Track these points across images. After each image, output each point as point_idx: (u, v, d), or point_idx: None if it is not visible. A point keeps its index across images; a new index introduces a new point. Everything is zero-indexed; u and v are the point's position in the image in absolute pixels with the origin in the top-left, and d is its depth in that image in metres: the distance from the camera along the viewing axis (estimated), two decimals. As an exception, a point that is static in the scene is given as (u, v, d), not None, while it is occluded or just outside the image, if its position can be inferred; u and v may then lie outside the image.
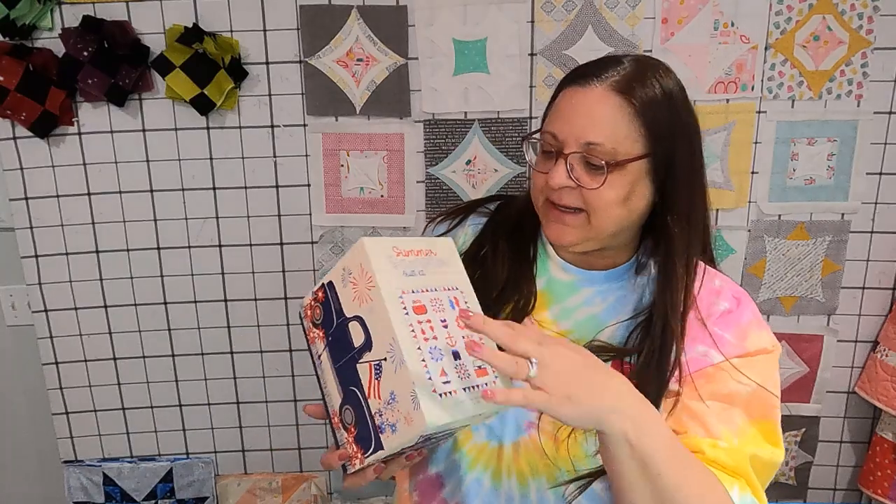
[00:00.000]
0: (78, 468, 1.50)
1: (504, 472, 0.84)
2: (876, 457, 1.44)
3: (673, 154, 0.79)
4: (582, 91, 0.78)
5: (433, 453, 0.89)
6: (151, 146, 1.35)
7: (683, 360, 0.81)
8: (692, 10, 1.28)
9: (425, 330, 0.70)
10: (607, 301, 0.87)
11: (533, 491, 0.83)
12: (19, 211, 1.37)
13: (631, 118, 0.77)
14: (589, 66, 0.81)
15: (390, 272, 0.72)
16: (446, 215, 0.99)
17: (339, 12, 1.29)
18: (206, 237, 1.40)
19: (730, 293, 0.86)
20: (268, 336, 1.45)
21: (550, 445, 0.82)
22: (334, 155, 1.36)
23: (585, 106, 0.78)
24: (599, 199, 0.78)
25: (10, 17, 1.24)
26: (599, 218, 0.79)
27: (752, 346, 0.82)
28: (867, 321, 1.43)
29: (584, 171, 0.78)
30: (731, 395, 0.79)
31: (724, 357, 0.80)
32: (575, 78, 0.81)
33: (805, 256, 1.39)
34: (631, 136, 0.77)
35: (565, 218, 0.81)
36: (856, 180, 1.35)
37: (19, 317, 1.50)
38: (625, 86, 0.77)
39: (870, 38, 1.28)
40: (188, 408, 1.49)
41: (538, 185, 0.83)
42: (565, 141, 0.79)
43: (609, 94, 0.77)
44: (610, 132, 0.76)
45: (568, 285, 0.89)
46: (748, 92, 1.31)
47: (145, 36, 1.29)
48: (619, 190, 0.78)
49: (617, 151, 0.77)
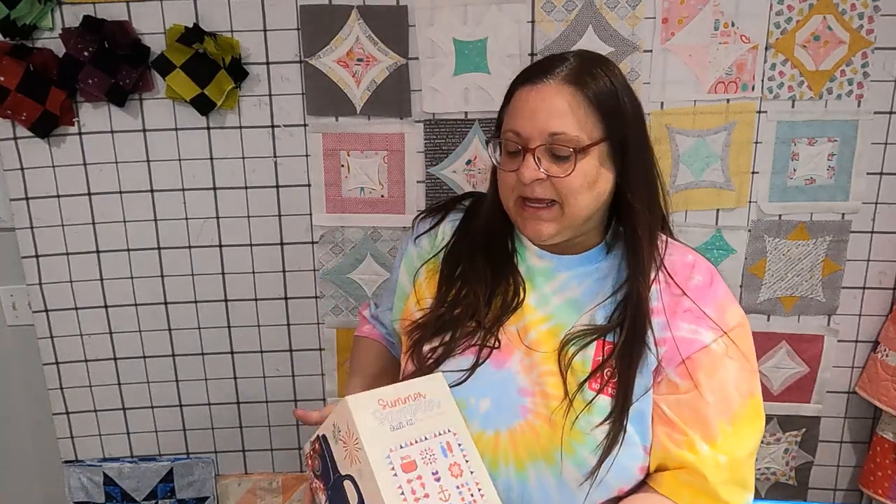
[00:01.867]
0: (78, 468, 1.50)
1: (501, 460, 0.85)
2: (876, 457, 1.44)
3: (626, 137, 0.84)
4: (536, 88, 0.83)
5: None
6: (152, 146, 1.35)
7: (670, 336, 0.84)
8: (692, 10, 1.27)
9: (416, 489, 0.71)
10: (584, 284, 0.90)
11: (532, 476, 0.84)
12: (20, 211, 1.37)
13: (587, 106, 0.82)
14: (537, 66, 0.87)
15: (376, 431, 0.73)
16: (429, 212, 1.04)
17: (339, 12, 1.29)
18: (206, 237, 1.40)
19: (704, 267, 0.90)
20: (268, 336, 1.45)
21: (546, 429, 0.83)
22: (334, 155, 1.36)
23: (543, 100, 0.82)
24: (570, 187, 0.82)
25: (11, 17, 1.24)
26: (572, 206, 0.84)
27: (731, 320, 0.86)
28: (867, 321, 1.43)
29: (551, 161, 0.83)
30: (724, 383, 0.83)
31: (713, 335, 0.84)
32: (526, 78, 0.85)
33: (805, 256, 1.39)
34: (589, 122, 0.82)
35: (540, 213, 0.85)
36: (856, 180, 1.35)
37: (20, 317, 1.50)
38: (576, 78, 0.82)
39: (870, 38, 1.28)
40: (188, 408, 1.49)
41: (508, 184, 0.87)
42: (529, 136, 0.83)
43: (563, 86, 0.82)
44: (570, 121, 0.81)
45: (544, 271, 0.92)
46: (748, 92, 1.31)
47: (146, 36, 1.29)
48: (586, 175, 0.83)
49: (580, 138, 0.82)
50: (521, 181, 0.83)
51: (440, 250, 0.98)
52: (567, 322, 0.88)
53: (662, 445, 0.84)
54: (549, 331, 0.88)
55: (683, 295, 0.86)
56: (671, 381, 0.84)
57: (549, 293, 0.91)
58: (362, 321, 1.18)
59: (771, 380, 1.46)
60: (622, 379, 0.83)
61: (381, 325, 1.13)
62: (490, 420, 0.85)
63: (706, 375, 0.83)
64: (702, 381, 0.83)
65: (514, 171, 0.85)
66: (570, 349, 0.85)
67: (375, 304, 1.16)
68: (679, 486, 0.83)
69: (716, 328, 0.84)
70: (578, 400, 0.83)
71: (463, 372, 0.87)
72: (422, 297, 0.97)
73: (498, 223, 0.94)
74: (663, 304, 0.86)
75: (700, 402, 0.82)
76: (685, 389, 0.83)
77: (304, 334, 1.45)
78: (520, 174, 0.83)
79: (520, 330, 0.89)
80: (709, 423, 0.82)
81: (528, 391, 0.85)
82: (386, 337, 1.13)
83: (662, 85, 1.31)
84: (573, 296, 0.90)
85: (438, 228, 1.00)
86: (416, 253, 1.01)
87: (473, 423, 0.85)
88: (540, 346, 0.87)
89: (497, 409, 0.85)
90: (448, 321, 0.91)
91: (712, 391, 0.83)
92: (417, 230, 1.02)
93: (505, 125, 0.87)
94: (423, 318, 0.94)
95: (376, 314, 1.14)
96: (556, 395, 0.84)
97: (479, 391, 0.86)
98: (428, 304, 0.95)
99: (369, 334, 1.15)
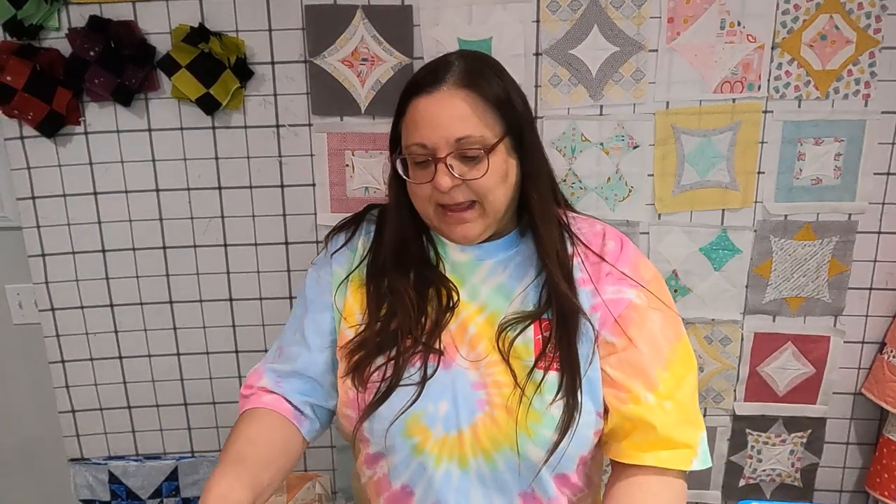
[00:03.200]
0: (84, 466, 1.50)
1: (470, 455, 0.87)
2: (883, 458, 1.43)
3: (521, 129, 0.88)
4: (430, 97, 0.85)
5: (391, 469, 0.90)
6: (157, 146, 1.35)
7: (601, 301, 0.89)
8: (698, 9, 1.27)
9: None
10: (508, 269, 0.93)
11: (501, 463, 0.87)
12: (26, 210, 1.38)
13: (484, 106, 0.85)
14: (424, 75, 0.88)
15: None
16: (339, 228, 1.02)
17: (344, 12, 1.29)
18: (211, 236, 1.40)
19: (613, 233, 0.95)
20: (272, 335, 1.45)
21: (504, 416, 0.86)
22: (339, 154, 1.36)
23: (441, 108, 0.84)
24: (486, 185, 0.85)
25: (18, 17, 1.25)
26: (491, 202, 0.87)
27: (646, 274, 0.92)
28: (874, 322, 1.42)
29: (463, 164, 0.85)
30: (652, 333, 0.88)
31: (635, 291, 0.89)
32: (416, 89, 0.86)
33: (811, 257, 1.39)
34: (489, 121, 0.85)
35: (464, 215, 0.87)
36: (863, 180, 1.34)
37: (26, 315, 1.51)
38: (467, 80, 0.85)
39: (877, 37, 1.28)
40: (193, 406, 1.49)
41: (423, 196, 0.88)
42: (436, 146, 0.84)
43: (457, 91, 0.84)
44: (473, 122, 0.84)
45: (468, 264, 0.94)
46: (754, 92, 1.31)
47: (151, 36, 1.29)
48: (498, 171, 0.86)
49: (485, 138, 0.84)
50: (439, 190, 0.85)
51: (360, 262, 0.97)
52: (500, 308, 0.91)
53: (613, 406, 0.87)
54: (486, 320, 0.91)
55: (602, 261, 0.91)
56: (607, 342, 0.88)
57: (478, 283, 0.93)
58: (252, 396, 0.95)
59: (776, 380, 1.45)
60: (564, 353, 0.86)
61: (296, 389, 0.94)
62: (451, 421, 0.87)
63: (636, 329, 0.88)
64: (634, 335, 0.87)
65: (426, 182, 0.86)
66: (508, 334, 0.88)
67: (276, 372, 0.96)
68: (635, 449, 0.86)
69: (635, 284, 0.90)
70: (528, 382, 0.86)
71: (415, 386, 0.88)
72: (350, 314, 0.94)
73: (409, 232, 0.95)
74: (588, 273, 0.90)
75: (636, 354, 0.87)
76: (621, 347, 0.88)
77: (309, 334, 1.45)
78: (436, 184, 0.85)
79: (458, 327, 0.91)
80: (647, 372, 0.87)
81: (480, 384, 0.88)
82: (296, 408, 0.93)
83: (668, 85, 1.31)
84: (500, 281, 0.92)
85: (354, 242, 0.99)
86: (338, 270, 0.97)
87: (436, 427, 0.87)
88: (481, 338, 0.90)
89: (455, 409, 0.87)
90: (386, 338, 0.90)
91: (644, 342, 0.87)
92: (333, 247, 1.00)
93: (407, 139, 0.88)
94: (359, 337, 0.92)
95: (286, 374, 0.95)
96: (507, 382, 0.87)
97: (435, 396, 0.88)
98: (358, 320, 0.93)
99: (273, 406, 0.92)
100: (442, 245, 0.96)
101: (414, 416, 0.87)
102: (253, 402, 0.93)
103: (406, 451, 0.88)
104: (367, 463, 0.94)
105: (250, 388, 0.96)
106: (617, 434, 0.88)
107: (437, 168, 0.85)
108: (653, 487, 0.85)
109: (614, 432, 0.88)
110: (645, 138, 1.33)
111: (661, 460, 0.85)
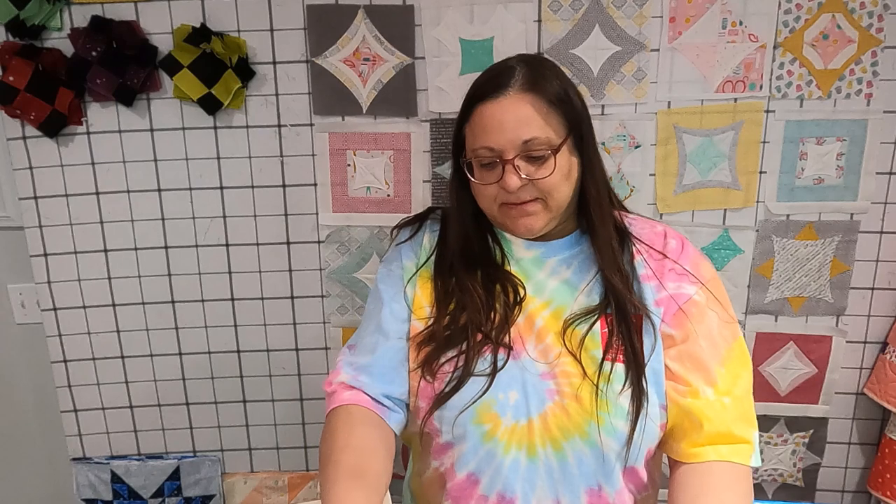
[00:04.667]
0: (86, 465, 1.51)
1: (538, 444, 0.88)
2: (885, 458, 1.43)
3: (581, 128, 0.91)
4: (496, 102, 0.88)
5: (459, 458, 0.91)
6: (159, 146, 1.36)
7: (666, 296, 0.92)
8: (700, 8, 1.27)
9: None
10: (572, 266, 0.96)
11: (570, 453, 0.88)
12: (29, 210, 1.38)
13: (547, 108, 0.88)
14: (487, 82, 0.91)
15: None
16: (403, 225, 1.05)
17: (345, 12, 1.29)
18: (213, 236, 1.40)
19: (673, 233, 0.99)
20: (274, 335, 1.46)
21: (575, 405, 0.88)
22: (341, 154, 1.36)
23: (506, 112, 0.88)
24: (551, 183, 0.89)
25: (20, 17, 1.25)
26: (554, 198, 0.90)
27: (706, 273, 0.96)
28: (876, 322, 1.42)
29: (530, 165, 0.89)
30: (710, 329, 0.92)
31: (695, 288, 0.93)
32: (481, 96, 0.90)
33: (814, 257, 1.39)
34: (553, 122, 0.88)
35: (527, 208, 0.91)
36: (865, 180, 1.34)
37: (28, 315, 1.51)
38: (532, 85, 0.88)
39: (879, 36, 1.27)
40: (195, 406, 1.50)
41: (490, 196, 0.92)
42: (504, 148, 0.88)
43: (522, 96, 0.88)
44: (538, 125, 0.87)
45: (534, 260, 0.97)
46: (756, 91, 1.31)
47: (153, 36, 1.30)
48: (562, 170, 0.89)
49: (550, 139, 0.88)
50: (507, 190, 0.88)
51: (428, 259, 0.99)
52: (566, 303, 0.94)
53: (672, 400, 0.90)
54: (552, 315, 0.93)
55: (665, 258, 0.95)
56: (668, 335, 0.91)
57: (544, 279, 0.96)
58: (335, 394, 0.93)
59: (779, 380, 1.45)
60: (627, 345, 0.89)
61: (374, 381, 0.92)
62: (521, 409, 0.89)
63: (696, 323, 0.91)
64: (693, 329, 0.91)
65: (493, 183, 0.90)
66: (576, 329, 0.91)
67: (353, 365, 0.94)
68: (694, 446, 0.88)
69: (695, 281, 0.93)
70: (596, 373, 0.88)
71: (486, 376, 0.89)
72: (419, 307, 0.96)
73: (473, 232, 0.98)
74: (651, 269, 0.94)
75: (696, 347, 0.90)
76: (681, 339, 0.91)
77: (310, 333, 1.46)
78: (504, 185, 0.88)
79: (526, 321, 0.93)
80: (706, 367, 0.90)
81: (549, 374, 0.90)
82: (377, 402, 0.92)
83: (670, 84, 1.30)
84: (565, 277, 0.95)
85: (420, 237, 1.02)
86: (408, 263, 1.00)
87: (506, 415, 0.89)
88: (548, 331, 0.92)
89: (525, 398, 0.89)
90: (456, 331, 0.92)
91: (703, 337, 0.91)
92: (400, 238, 1.03)
93: (473, 143, 0.91)
94: (428, 330, 0.94)
95: (363, 366, 0.93)
96: (576, 373, 0.89)
97: (505, 385, 0.90)
98: (427, 314, 0.96)
99: (356, 401, 0.91)
100: (507, 243, 0.98)
101: (485, 404, 0.88)
102: (337, 400, 0.91)
103: (476, 439, 0.89)
104: (435, 454, 0.94)
105: (331, 385, 0.94)
106: (676, 433, 0.91)
107: (504, 169, 0.88)
108: (725, 477, 0.86)
109: (674, 430, 0.91)
110: (646, 138, 1.33)
111: (722, 455, 0.86)
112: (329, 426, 0.90)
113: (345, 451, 0.85)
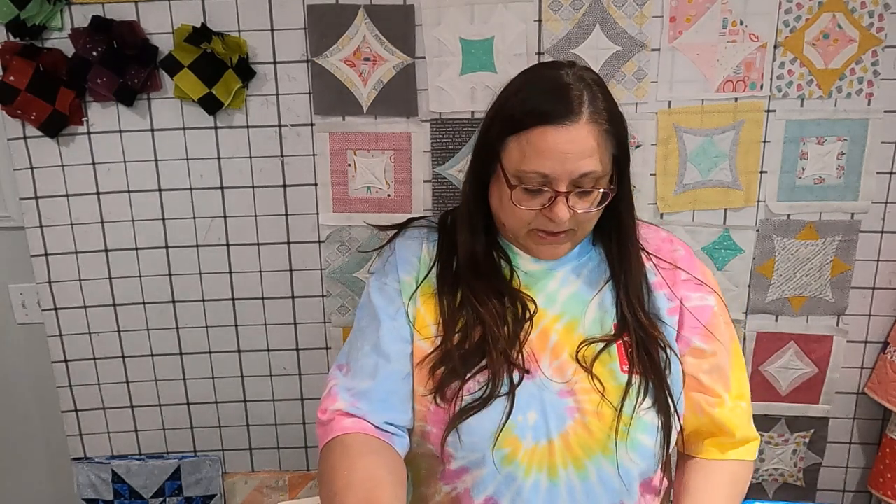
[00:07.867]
0: (87, 465, 1.51)
1: (560, 465, 0.86)
2: (886, 458, 1.43)
3: (622, 149, 0.88)
4: (564, 130, 0.81)
5: (476, 483, 0.86)
6: (160, 145, 1.36)
7: (678, 306, 0.93)
8: (700, 8, 1.27)
9: None
10: (581, 276, 0.94)
11: (592, 472, 0.86)
12: (29, 210, 1.38)
13: (607, 139, 0.85)
14: (556, 102, 0.83)
15: None
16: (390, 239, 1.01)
17: (346, 12, 1.29)
18: (213, 236, 1.40)
19: (678, 241, 1.00)
20: (275, 335, 1.46)
21: (596, 422, 0.86)
22: (341, 154, 1.36)
23: (573, 144, 0.82)
24: (589, 217, 0.87)
25: (21, 17, 1.25)
26: (585, 230, 0.90)
27: (711, 280, 0.99)
28: (877, 322, 1.42)
29: (576, 198, 0.85)
30: (725, 337, 0.95)
31: (713, 298, 0.95)
32: (546, 117, 0.82)
33: (814, 256, 1.39)
34: (608, 154, 0.86)
35: (559, 238, 0.89)
36: (866, 179, 1.34)
37: (29, 315, 1.51)
38: (597, 115, 0.83)
39: (880, 35, 1.27)
40: (196, 406, 1.50)
41: (523, 220, 0.88)
42: (559, 178, 0.83)
43: (588, 126, 0.82)
44: (597, 159, 0.84)
45: (542, 273, 0.94)
46: (757, 91, 1.31)
47: (154, 36, 1.30)
48: (601, 203, 0.87)
49: (603, 173, 0.85)
50: (555, 221, 0.84)
51: (429, 272, 0.94)
52: (578, 315, 0.91)
53: (703, 411, 0.93)
54: (566, 328, 0.90)
55: (675, 268, 0.95)
56: (697, 348, 0.93)
57: (554, 290, 0.93)
58: (332, 422, 0.85)
59: (779, 380, 1.45)
60: (644, 358, 0.88)
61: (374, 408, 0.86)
62: (541, 430, 0.86)
63: (720, 334, 0.94)
64: (719, 340, 0.93)
65: (535, 209, 0.86)
66: (589, 350, 0.89)
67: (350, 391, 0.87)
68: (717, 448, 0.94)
69: (711, 291, 0.96)
70: (616, 387, 0.87)
71: (504, 397, 0.85)
72: (423, 326, 0.90)
73: (480, 245, 0.94)
74: (662, 277, 0.94)
75: (722, 359, 0.94)
76: (711, 352, 0.93)
77: (311, 333, 1.46)
78: (554, 216, 0.84)
79: (539, 336, 0.90)
80: (726, 374, 0.94)
81: (567, 391, 0.87)
82: (380, 429, 0.85)
83: (670, 84, 1.30)
84: (575, 289, 0.94)
85: (418, 250, 0.97)
86: (406, 278, 0.94)
87: (526, 438, 0.85)
88: (563, 346, 0.90)
89: (545, 418, 0.86)
90: (471, 350, 0.87)
91: (723, 346, 0.94)
92: (388, 254, 1.00)
93: (524, 164, 0.83)
94: (438, 352, 0.87)
95: (362, 392, 0.86)
96: (595, 389, 0.87)
97: (524, 406, 0.86)
98: (432, 332, 0.89)
99: (359, 429, 0.84)
100: (514, 256, 0.95)
101: (505, 428, 0.85)
102: (337, 429, 0.84)
103: (495, 464, 0.85)
104: (446, 478, 0.89)
105: (325, 412, 0.87)
106: (701, 433, 0.94)
107: (556, 199, 0.84)
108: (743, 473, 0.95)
109: (698, 432, 0.94)
110: (647, 138, 1.33)
111: (741, 454, 0.94)
112: (327, 463, 0.82)
113: (348, 490, 0.76)
